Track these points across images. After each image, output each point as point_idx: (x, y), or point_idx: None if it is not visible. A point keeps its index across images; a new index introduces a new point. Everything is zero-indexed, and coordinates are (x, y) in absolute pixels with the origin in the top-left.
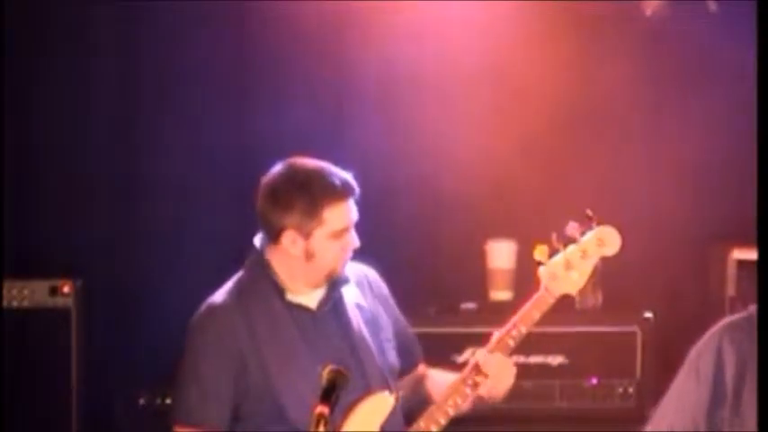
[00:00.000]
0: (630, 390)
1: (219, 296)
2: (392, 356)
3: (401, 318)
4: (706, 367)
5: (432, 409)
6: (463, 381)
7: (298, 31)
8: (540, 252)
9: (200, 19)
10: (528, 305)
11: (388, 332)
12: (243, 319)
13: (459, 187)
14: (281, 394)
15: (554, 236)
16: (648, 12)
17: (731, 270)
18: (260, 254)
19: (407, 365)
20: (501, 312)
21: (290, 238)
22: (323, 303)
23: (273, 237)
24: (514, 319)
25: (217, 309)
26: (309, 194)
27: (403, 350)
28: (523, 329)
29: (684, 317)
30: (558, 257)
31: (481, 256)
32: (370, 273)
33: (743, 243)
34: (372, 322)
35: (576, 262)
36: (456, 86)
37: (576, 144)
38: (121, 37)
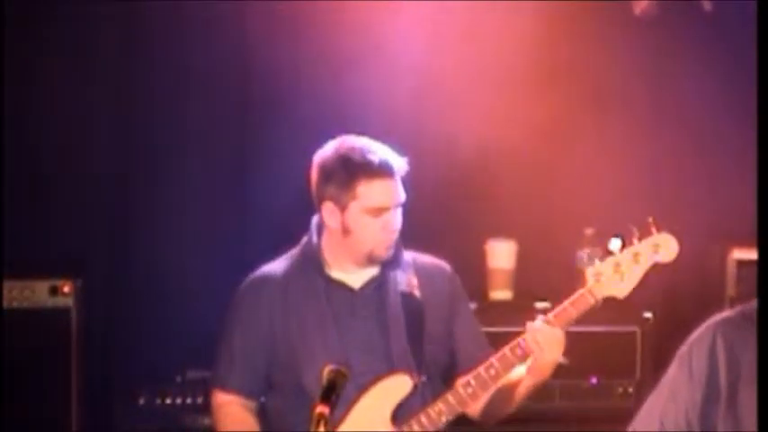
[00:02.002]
0: (630, 390)
1: (267, 266)
2: (434, 350)
3: (465, 319)
4: (699, 366)
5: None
6: (511, 349)
7: (299, 30)
8: (590, 254)
9: (200, 17)
10: (566, 302)
11: (438, 327)
12: (280, 291)
13: (459, 187)
14: (303, 369)
15: (609, 241)
16: (637, 11)
17: (731, 270)
18: (312, 229)
19: (458, 367)
20: (501, 312)
21: (328, 210)
22: (367, 284)
23: (317, 208)
24: (551, 314)
25: (258, 279)
26: (346, 167)
27: (454, 351)
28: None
29: (684, 317)
30: (608, 260)
31: (481, 256)
32: (444, 268)
33: (743, 243)
34: (419, 313)
35: (626, 266)
36: (455, 87)
37: (575, 144)
38: (121, 37)
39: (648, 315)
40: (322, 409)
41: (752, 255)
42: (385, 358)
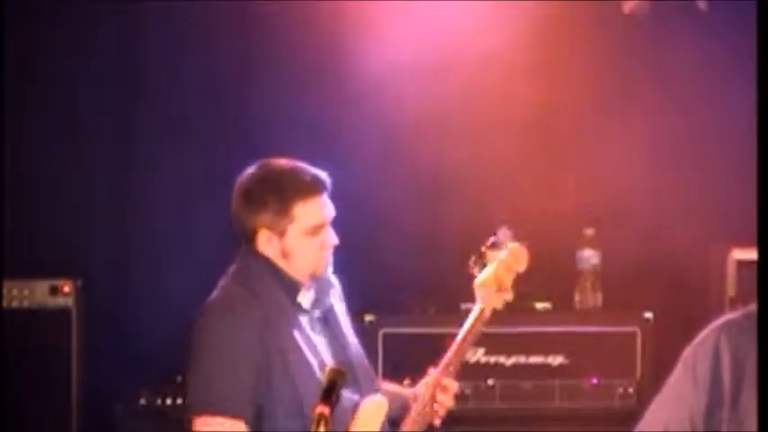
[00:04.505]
0: (630, 390)
1: (231, 292)
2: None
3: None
4: (703, 369)
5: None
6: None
7: (300, 32)
8: (473, 263)
9: (199, 18)
10: (470, 320)
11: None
12: (260, 313)
13: (459, 187)
14: (300, 389)
15: (487, 242)
16: (627, 10)
17: (731, 270)
18: (244, 260)
19: None
20: (501, 312)
21: (264, 238)
22: (314, 303)
23: (249, 238)
24: (459, 337)
25: (236, 303)
26: (279, 191)
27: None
28: (471, 344)
29: (684, 317)
30: (489, 272)
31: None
32: (335, 281)
33: (743, 243)
34: (348, 321)
35: (501, 276)
36: (453, 88)
37: (575, 145)
38: (121, 37)
39: (648, 315)
40: (322, 408)
41: (752, 255)
42: (352, 377)
